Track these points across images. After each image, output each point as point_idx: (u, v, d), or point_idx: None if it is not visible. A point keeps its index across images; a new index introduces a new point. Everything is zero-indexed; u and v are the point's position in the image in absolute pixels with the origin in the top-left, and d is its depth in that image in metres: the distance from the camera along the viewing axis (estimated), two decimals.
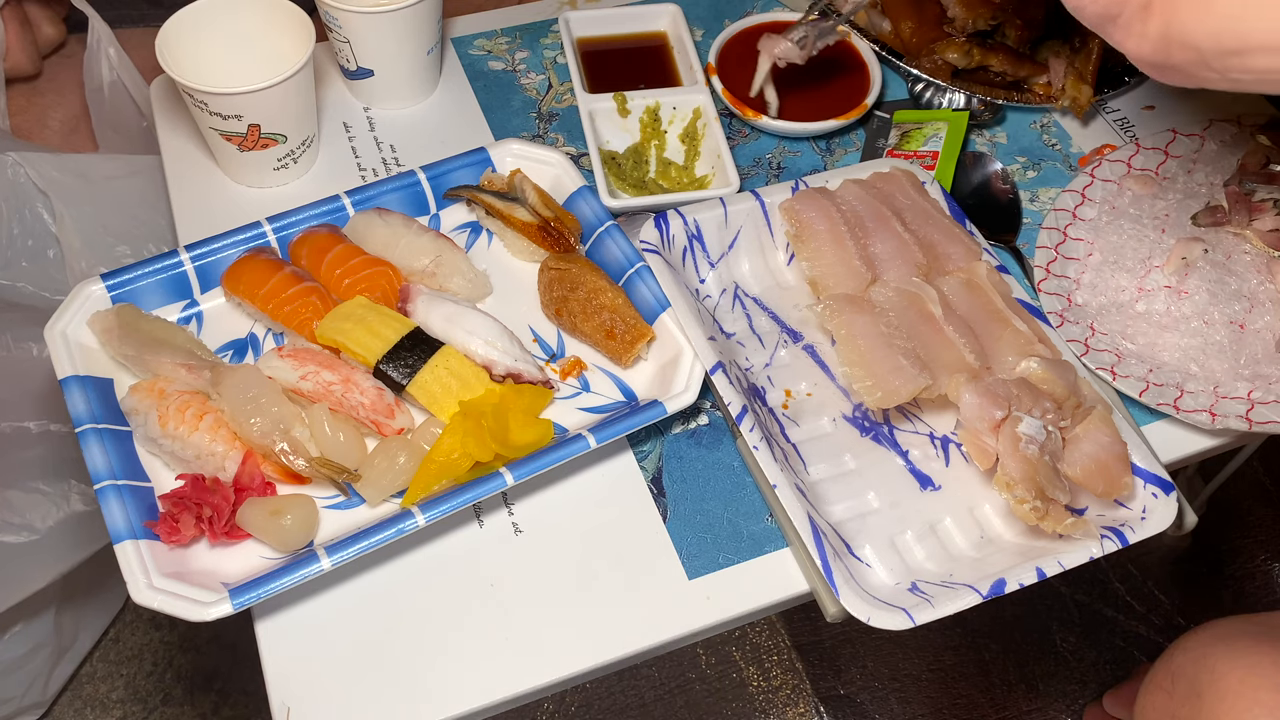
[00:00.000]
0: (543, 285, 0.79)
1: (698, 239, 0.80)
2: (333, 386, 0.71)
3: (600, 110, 0.89)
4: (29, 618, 1.14)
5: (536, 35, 1.01)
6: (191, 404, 0.70)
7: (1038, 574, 0.65)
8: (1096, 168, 0.89)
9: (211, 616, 0.61)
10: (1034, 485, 0.66)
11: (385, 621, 0.67)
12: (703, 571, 0.70)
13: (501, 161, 0.85)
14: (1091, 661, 1.35)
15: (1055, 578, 0.65)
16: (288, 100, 0.81)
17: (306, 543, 0.67)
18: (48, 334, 0.73)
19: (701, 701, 1.32)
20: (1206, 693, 0.68)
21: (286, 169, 0.87)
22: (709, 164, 0.88)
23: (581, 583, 0.69)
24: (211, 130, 0.82)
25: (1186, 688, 0.70)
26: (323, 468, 0.69)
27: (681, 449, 0.76)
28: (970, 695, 1.33)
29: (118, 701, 1.30)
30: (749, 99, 0.91)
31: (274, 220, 0.79)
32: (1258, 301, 0.78)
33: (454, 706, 0.64)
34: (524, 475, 0.67)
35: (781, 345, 0.79)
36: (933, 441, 0.75)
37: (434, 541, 0.70)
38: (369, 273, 0.77)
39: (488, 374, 0.73)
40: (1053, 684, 1.34)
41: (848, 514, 0.71)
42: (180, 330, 0.76)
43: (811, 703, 1.32)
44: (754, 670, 1.34)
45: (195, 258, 0.77)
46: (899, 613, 0.63)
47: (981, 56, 0.93)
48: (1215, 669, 0.69)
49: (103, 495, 0.66)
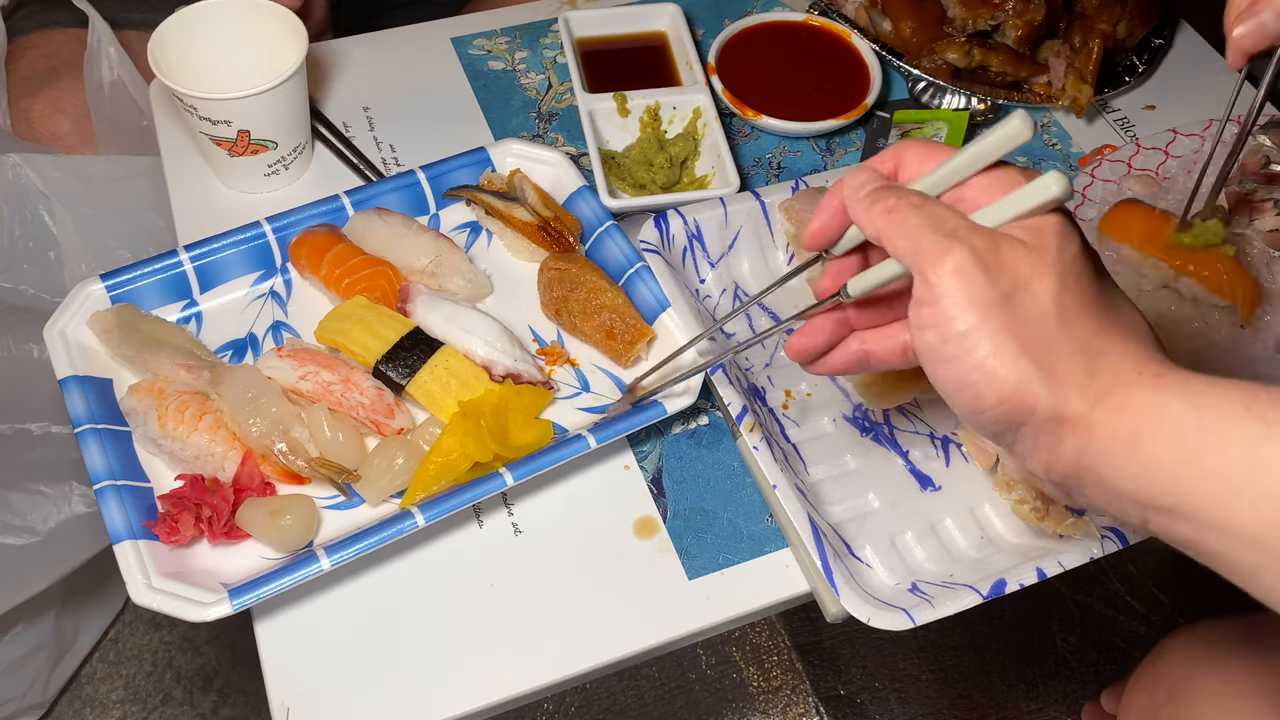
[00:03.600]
0: (543, 285, 0.79)
1: (698, 239, 0.80)
2: (332, 386, 0.71)
3: (600, 110, 0.89)
4: (29, 618, 1.14)
5: (536, 35, 1.01)
6: (191, 404, 0.70)
7: (1038, 574, 0.65)
8: (1097, 168, 0.89)
9: (211, 617, 0.61)
10: (1034, 485, 0.66)
11: (385, 621, 0.67)
12: (703, 571, 0.70)
13: (501, 161, 0.84)
14: (1091, 661, 1.35)
15: (1055, 578, 0.65)
16: (278, 107, 0.81)
17: (306, 543, 0.67)
18: (47, 334, 0.73)
19: (701, 701, 1.32)
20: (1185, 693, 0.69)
21: (277, 175, 0.86)
22: (709, 164, 0.88)
23: (581, 583, 0.69)
24: (202, 135, 0.82)
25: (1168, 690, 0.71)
26: (322, 468, 0.69)
27: (681, 449, 0.75)
28: (970, 695, 1.33)
29: (117, 702, 1.30)
30: (749, 101, 0.91)
31: (273, 220, 0.79)
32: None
33: (454, 706, 0.64)
34: (524, 476, 0.67)
35: (782, 345, 0.79)
36: (933, 441, 0.75)
37: (434, 542, 0.70)
38: (369, 273, 0.77)
39: (487, 374, 0.73)
40: (1053, 684, 1.34)
41: (848, 514, 0.71)
42: (180, 330, 0.76)
43: (811, 703, 1.32)
44: (754, 670, 1.34)
45: (195, 258, 0.77)
46: (899, 613, 0.63)
47: (981, 56, 0.93)
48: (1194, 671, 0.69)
49: (102, 495, 0.66)
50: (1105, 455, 0.43)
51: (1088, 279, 0.45)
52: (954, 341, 0.44)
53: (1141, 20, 0.98)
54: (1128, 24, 0.97)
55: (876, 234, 0.47)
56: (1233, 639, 0.71)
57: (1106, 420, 0.43)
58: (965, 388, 0.45)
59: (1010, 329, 0.43)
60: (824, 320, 0.54)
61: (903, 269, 0.49)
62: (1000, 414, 0.45)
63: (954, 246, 0.44)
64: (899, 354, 0.54)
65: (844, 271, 0.54)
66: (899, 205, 0.46)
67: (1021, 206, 0.45)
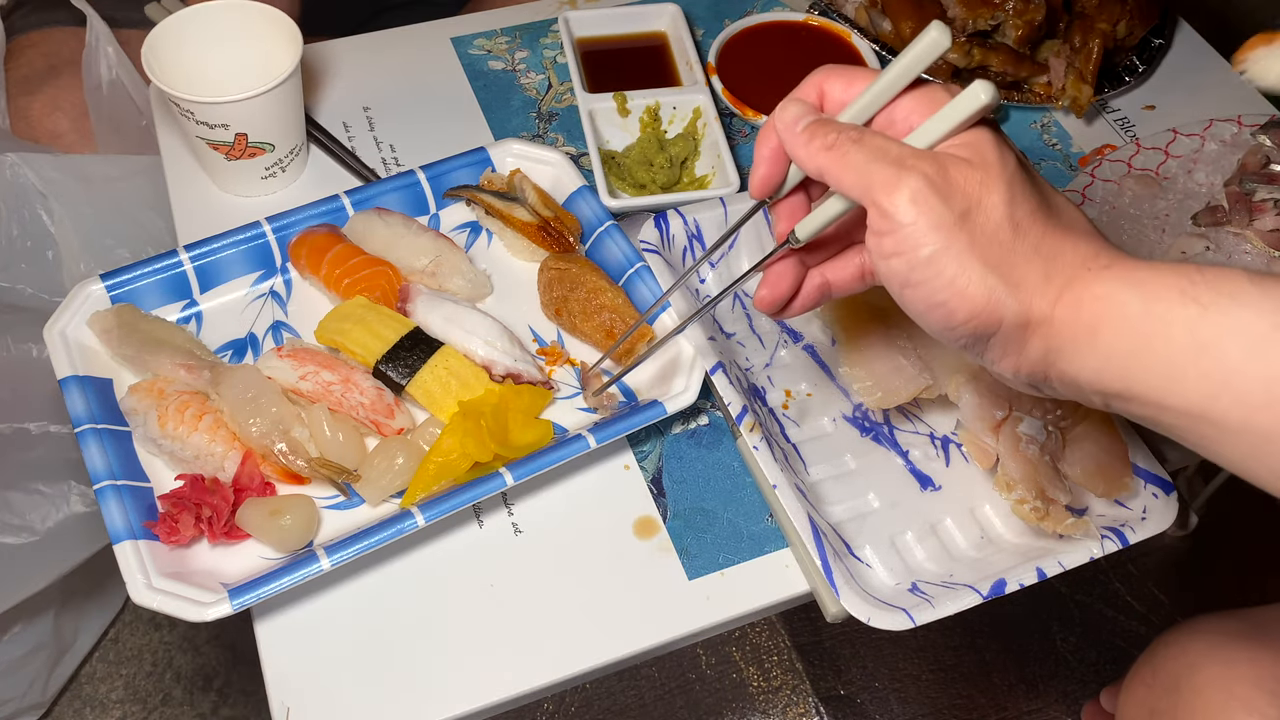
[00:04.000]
0: (542, 285, 0.79)
1: (698, 239, 0.80)
2: (332, 386, 0.71)
3: (600, 110, 0.89)
4: (29, 618, 1.14)
5: (536, 35, 1.01)
6: (191, 404, 0.70)
7: (1038, 574, 0.65)
8: (1097, 168, 0.89)
9: (211, 617, 0.61)
10: (1034, 485, 0.66)
11: (385, 622, 0.67)
12: (703, 571, 0.70)
13: (501, 161, 0.84)
14: (1091, 661, 1.35)
15: (1055, 578, 0.65)
16: (275, 109, 0.80)
17: (306, 543, 0.67)
18: (47, 334, 0.73)
19: (701, 701, 1.32)
20: (1184, 686, 0.69)
21: (274, 177, 0.86)
22: (709, 164, 0.88)
23: (581, 583, 0.69)
24: (199, 139, 0.82)
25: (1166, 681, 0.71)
26: (322, 468, 0.69)
27: (681, 449, 0.75)
28: (970, 695, 1.33)
29: (117, 702, 1.30)
30: (750, 101, 0.91)
31: (273, 220, 0.79)
32: None
33: (454, 706, 0.64)
34: (524, 475, 0.67)
35: (781, 345, 0.79)
36: (933, 441, 0.75)
37: (434, 542, 0.70)
38: (369, 273, 0.77)
39: (487, 374, 0.73)
40: (1053, 684, 1.34)
41: (848, 514, 0.71)
42: (180, 330, 0.76)
43: (811, 703, 1.32)
44: (754, 670, 1.34)
45: (195, 258, 0.77)
46: (899, 613, 0.63)
47: (981, 56, 0.93)
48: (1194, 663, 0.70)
49: (102, 495, 0.66)
50: (1067, 351, 0.46)
51: (1030, 185, 0.47)
52: (920, 267, 0.46)
53: (1141, 20, 0.98)
54: (1128, 24, 0.97)
55: (819, 171, 0.48)
56: (1233, 632, 0.71)
57: (1066, 317, 0.46)
58: (935, 307, 0.47)
59: (972, 247, 0.45)
60: (783, 267, 0.56)
61: (846, 204, 0.50)
62: (972, 328, 0.47)
63: (905, 175, 0.45)
64: (857, 279, 0.56)
65: (793, 212, 0.55)
66: (840, 141, 0.48)
67: (954, 119, 0.47)
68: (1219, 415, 0.43)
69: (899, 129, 0.49)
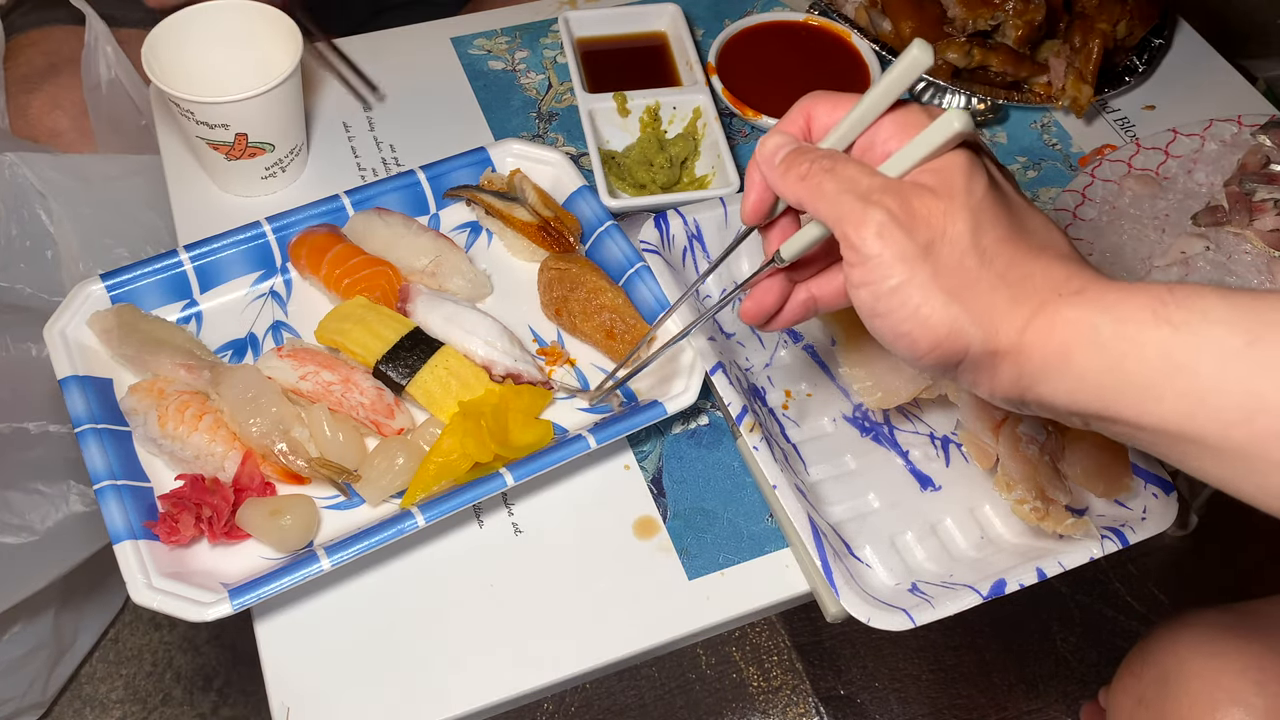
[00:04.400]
0: (543, 285, 0.79)
1: (698, 239, 0.80)
2: (332, 386, 0.71)
3: (600, 110, 0.89)
4: (28, 618, 1.14)
5: (536, 35, 1.01)
6: (191, 404, 0.70)
7: (1038, 574, 0.65)
8: (1097, 168, 0.89)
9: (211, 617, 0.61)
10: (1034, 485, 0.66)
11: (385, 622, 0.67)
12: (703, 571, 0.70)
13: (501, 161, 0.84)
14: (1092, 662, 1.35)
15: (1055, 578, 0.65)
16: (275, 109, 0.80)
17: (306, 543, 0.67)
18: (47, 334, 0.73)
19: (701, 701, 1.32)
20: (1173, 678, 0.70)
21: (275, 177, 0.86)
22: (709, 164, 0.88)
23: (581, 583, 0.69)
24: (199, 140, 0.82)
25: (1156, 673, 0.72)
26: (322, 468, 0.69)
27: (681, 449, 0.75)
28: (970, 695, 1.33)
29: (117, 702, 1.30)
30: (750, 101, 0.91)
31: (274, 220, 0.79)
32: None
33: (454, 706, 0.64)
34: (524, 476, 0.67)
35: (781, 345, 0.79)
36: (933, 442, 0.75)
37: (434, 542, 0.70)
38: (369, 273, 0.77)
39: (487, 374, 0.73)
40: (1053, 684, 1.34)
41: (848, 514, 0.71)
42: (180, 330, 0.76)
43: (811, 703, 1.32)
44: (754, 670, 1.34)
45: (195, 258, 0.77)
46: (899, 613, 0.63)
47: (981, 56, 0.93)
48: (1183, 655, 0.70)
49: (102, 495, 0.66)
50: (1040, 375, 0.46)
51: (1000, 210, 0.48)
52: (885, 297, 0.47)
53: (1141, 20, 0.98)
54: (1128, 24, 0.97)
55: (797, 201, 0.50)
56: (1222, 625, 0.71)
57: (1037, 343, 0.46)
58: (900, 336, 0.47)
59: (935, 278, 0.46)
60: (770, 282, 0.57)
61: (825, 229, 0.51)
62: (936, 357, 0.47)
63: (870, 210, 0.46)
64: (841, 295, 0.57)
65: (784, 232, 0.57)
66: (812, 171, 0.49)
67: (927, 148, 0.47)
68: (1196, 433, 0.43)
69: (877, 154, 0.50)
